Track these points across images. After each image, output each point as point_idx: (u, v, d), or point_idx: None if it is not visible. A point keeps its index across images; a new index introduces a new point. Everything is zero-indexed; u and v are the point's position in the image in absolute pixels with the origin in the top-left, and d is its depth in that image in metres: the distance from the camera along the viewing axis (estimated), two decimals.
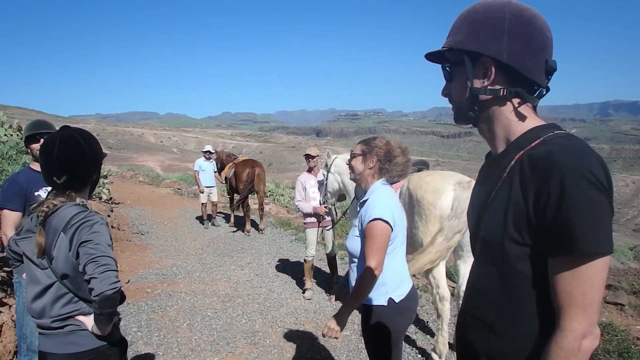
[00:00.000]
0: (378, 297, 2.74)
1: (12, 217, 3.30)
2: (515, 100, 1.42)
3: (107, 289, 1.94)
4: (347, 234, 2.83)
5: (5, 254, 2.41)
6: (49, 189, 3.42)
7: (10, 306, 4.63)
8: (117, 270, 2.02)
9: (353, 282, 2.81)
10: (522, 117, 1.43)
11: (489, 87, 1.42)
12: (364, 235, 2.72)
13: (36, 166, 3.44)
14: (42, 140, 3.41)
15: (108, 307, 1.98)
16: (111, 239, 2.13)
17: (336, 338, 2.68)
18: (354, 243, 2.82)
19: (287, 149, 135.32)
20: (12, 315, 4.34)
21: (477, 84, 1.43)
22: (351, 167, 2.99)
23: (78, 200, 2.19)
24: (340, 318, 2.64)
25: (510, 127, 1.43)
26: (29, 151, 3.60)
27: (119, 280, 2.02)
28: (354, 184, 3.02)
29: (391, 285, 2.74)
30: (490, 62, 1.40)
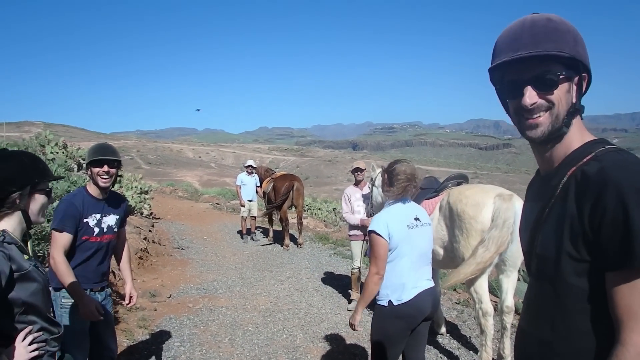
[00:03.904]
0: (381, 297, 3.23)
1: (65, 240, 3.23)
2: (578, 116, 1.43)
3: None
4: None
5: None
6: (98, 216, 3.41)
7: None
8: None
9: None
10: (580, 133, 1.43)
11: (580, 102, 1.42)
12: None
13: (92, 189, 3.40)
14: (105, 167, 3.34)
15: None
16: (7, 274, 1.93)
17: (358, 330, 3.41)
18: None
19: (324, 162, 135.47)
20: None
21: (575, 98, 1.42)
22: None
23: (2, 226, 2.10)
24: (356, 315, 3.30)
25: (571, 143, 1.42)
26: (90, 174, 3.41)
27: None
28: None
29: (391, 289, 3.19)
30: (587, 76, 1.41)
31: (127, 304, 3.74)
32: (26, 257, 2.08)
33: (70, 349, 3.32)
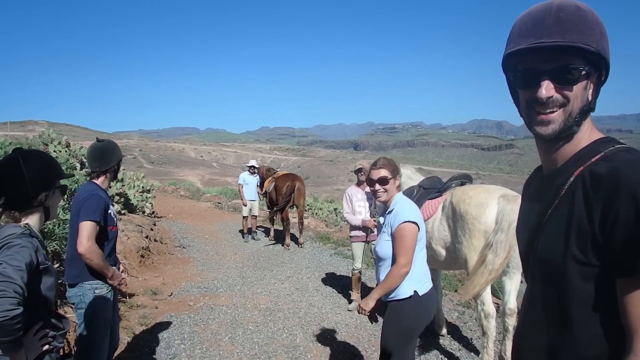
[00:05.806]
0: (406, 289, 3.16)
1: (97, 230, 3.35)
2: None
3: None
4: None
5: None
6: (111, 207, 3.61)
7: None
8: (15, 297, 1.80)
9: (381, 279, 3.25)
10: (589, 131, 1.35)
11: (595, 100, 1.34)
12: (393, 238, 3.16)
13: (105, 184, 3.62)
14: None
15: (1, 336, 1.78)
16: (35, 264, 1.97)
17: (366, 315, 3.26)
18: (385, 247, 3.24)
19: (325, 162, 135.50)
20: None
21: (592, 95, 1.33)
22: (384, 189, 3.34)
23: (23, 221, 2.13)
24: (369, 300, 3.20)
25: (579, 142, 1.34)
26: (115, 171, 3.70)
27: (15, 308, 1.79)
28: None
29: (416, 278, 3.17)
30: (605, 75, 1.33)
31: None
32: (44, 252, 2.13)
33: (100, 338, 3.42)
